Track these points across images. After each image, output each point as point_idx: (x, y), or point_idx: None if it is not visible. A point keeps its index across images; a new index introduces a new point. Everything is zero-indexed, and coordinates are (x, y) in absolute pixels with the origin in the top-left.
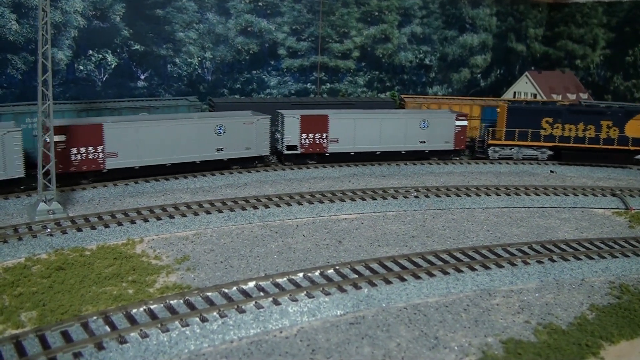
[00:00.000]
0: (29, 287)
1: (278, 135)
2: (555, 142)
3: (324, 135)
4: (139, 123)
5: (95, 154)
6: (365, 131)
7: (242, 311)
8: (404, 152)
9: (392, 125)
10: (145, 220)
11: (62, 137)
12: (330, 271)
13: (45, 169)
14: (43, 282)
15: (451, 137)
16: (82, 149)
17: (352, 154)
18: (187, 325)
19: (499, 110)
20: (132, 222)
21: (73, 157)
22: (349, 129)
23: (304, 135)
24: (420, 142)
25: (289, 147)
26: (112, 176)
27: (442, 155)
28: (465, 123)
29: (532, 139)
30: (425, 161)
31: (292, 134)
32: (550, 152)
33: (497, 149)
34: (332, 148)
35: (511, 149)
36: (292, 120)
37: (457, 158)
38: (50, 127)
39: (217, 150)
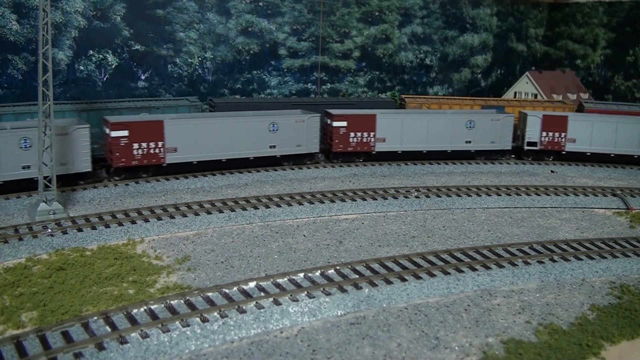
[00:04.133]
0: (30, 287)
1: (519, 132)
2: None
3: (563, 134)
4: (404, 115)
5: (368, 138)
6: (602, 133)
7: (243, 311)
8: (637, 157)
9: (628, 129)
10: (146, 221)
11: (344, 124)
12: (331, 271)
13: (46, 167)
14: (44, 283)
15: None
16: (359, 134)
17: (588, 154)
18: (188, 325)
19: None
20: (133, 222)
21: (351, 140)
22: (586, 131)
23: (544, 134)
24: None
25: (530, 144)
26: (379, 158)
27: None
28: None
29: None
30: (425, 161)
31: (533, 131)
32: None
33: None
34: (570, 147)
35: None
36: (534, 119)
37: None
38: (50, 128)
39: (466, 142)
